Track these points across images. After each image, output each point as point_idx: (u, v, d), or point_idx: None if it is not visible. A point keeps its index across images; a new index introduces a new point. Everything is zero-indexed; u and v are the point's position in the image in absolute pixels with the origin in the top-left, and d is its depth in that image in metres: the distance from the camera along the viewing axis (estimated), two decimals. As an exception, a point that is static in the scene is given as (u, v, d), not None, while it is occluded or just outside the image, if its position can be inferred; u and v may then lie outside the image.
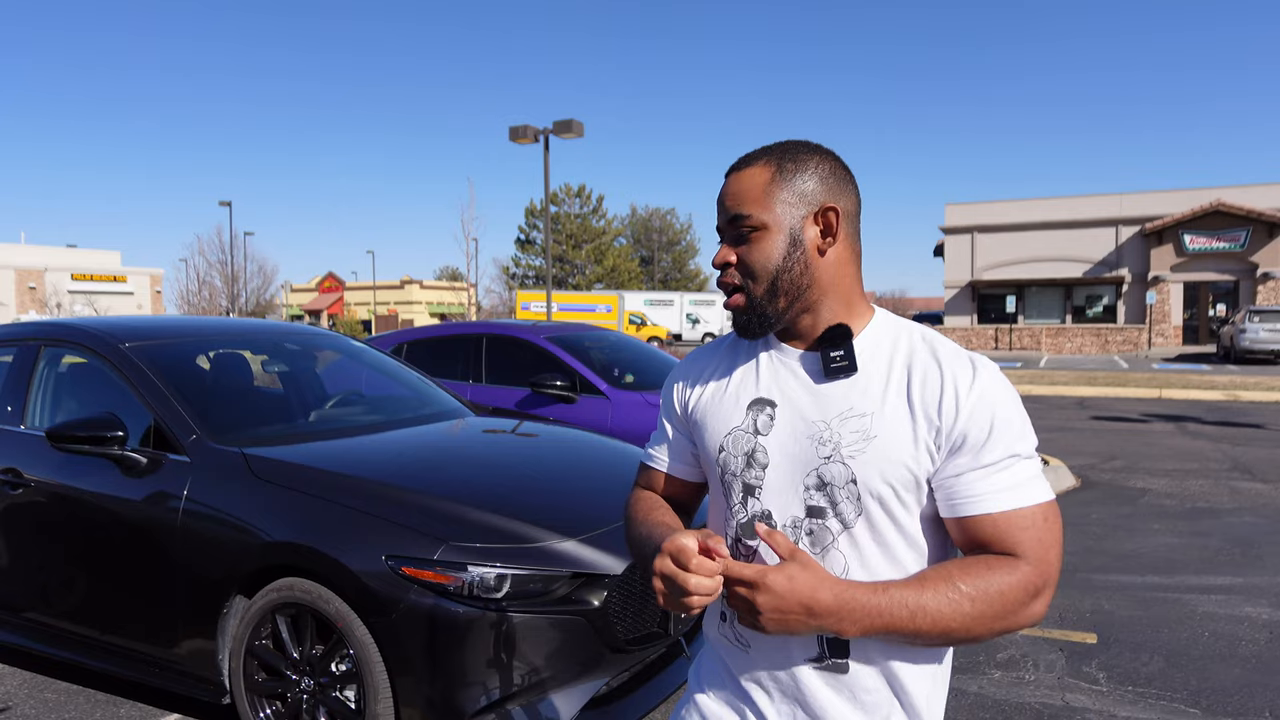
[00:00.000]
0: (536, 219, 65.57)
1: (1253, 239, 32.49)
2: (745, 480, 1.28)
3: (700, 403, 1.38)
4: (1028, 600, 1.15)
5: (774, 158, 1.27)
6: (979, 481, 1.17)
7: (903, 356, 1.23)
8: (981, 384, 1.18)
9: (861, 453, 1.19)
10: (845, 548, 1.22)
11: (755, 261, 1.25)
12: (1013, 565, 1.15)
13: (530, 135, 19.19)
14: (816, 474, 1.22)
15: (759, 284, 1.25)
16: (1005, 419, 1.18)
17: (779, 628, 1.11)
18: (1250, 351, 24.39)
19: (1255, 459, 9.32)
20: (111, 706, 3.59)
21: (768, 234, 1.24)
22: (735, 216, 1.26)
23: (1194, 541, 6.04)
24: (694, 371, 1.43)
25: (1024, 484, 1.17)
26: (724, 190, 1.29)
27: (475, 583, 2.69)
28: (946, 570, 1.14)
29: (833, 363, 1.23)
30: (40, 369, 3.90)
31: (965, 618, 1.12)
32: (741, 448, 1.29)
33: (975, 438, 1.16)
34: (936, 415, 1.18)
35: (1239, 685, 3.73)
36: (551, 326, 7.14)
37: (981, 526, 1.17)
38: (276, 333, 4.61)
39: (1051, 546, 1.17)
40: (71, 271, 52.86)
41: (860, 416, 1.20)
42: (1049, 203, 36.40)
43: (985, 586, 1.12)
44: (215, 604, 3.06)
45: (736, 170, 1.29)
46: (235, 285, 48.53)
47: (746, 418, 1.30)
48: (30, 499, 3.55)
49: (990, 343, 35.49)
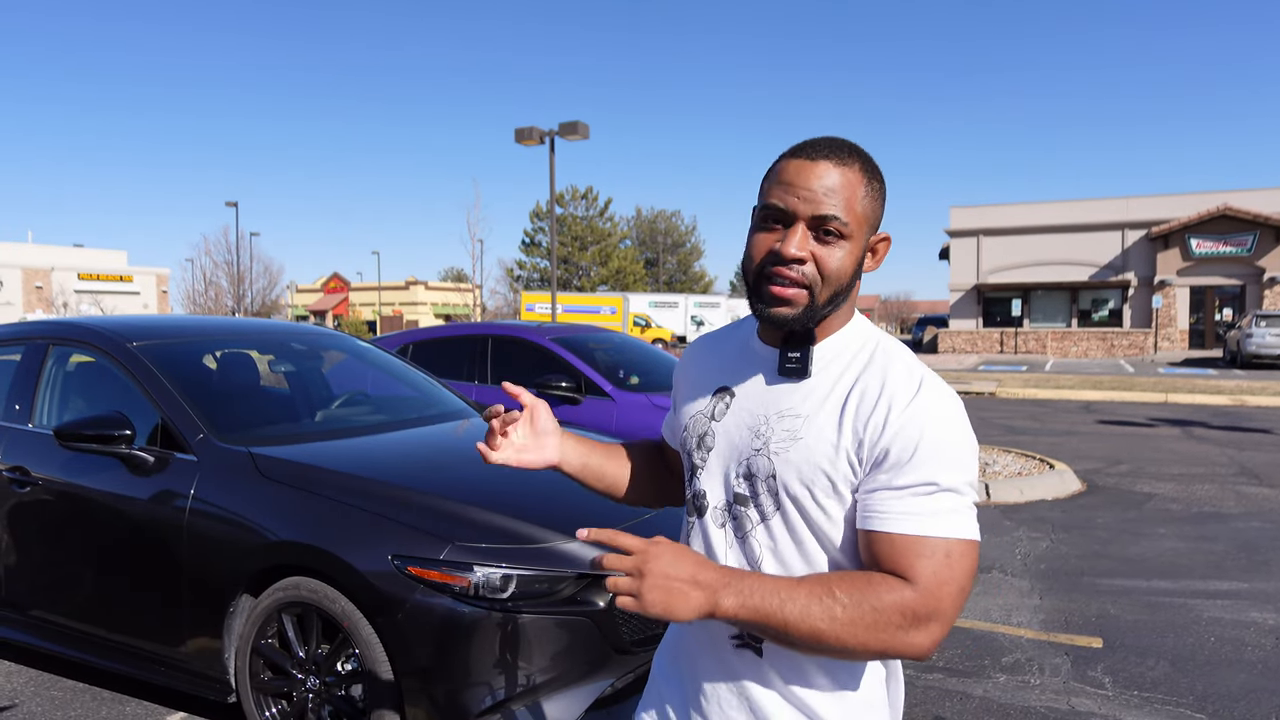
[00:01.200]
0: (542, 221, 65.64)
1: (1259, 243, 32.39)
2: (694, 460, 1.35)
3: (686, 383, 1.45)
4: (904, 624, 1.11)
5: (867, 168, 1.22)
6: (891, 500, 1.15)
7: (855, 368, 1.24)
8: (919, 405, 1.16)
9: (785, 451, 1.23)
10: (762, 538, 1.26)
11: (832, 268, 1.20)
12: (896, 586, 1.12)
13: (536, 137, 19.21)
14: (746, 464, 1.27)
15: (826, 289, 1.21)
16: (933, 443, 1.14)
17: (662, 596, 1.10)
18: (1257, 356, 24.30)
19: (1262, 464, 9.29)
20: (117, 704, 3.60)
21: (848, 245, 1.20)
22: (829, 216, 1.17)
23: (1200, 546, 6.03)
24: (691, 354, 1.50)
25: (937, 514, 1.14)
26: (814, 176, 1.18)
27: (481, 583, 2.69)
28: (827, 576, 1.16)
29: (788, 363, 1.26)
30: (48, 368, 3.92)
31: (834, 621, 1.10)
32: (698, 429, 1.36)
33: (896, 456, 1.15)
34: (863, 428, 1.17)
35: (1245, 690, 3.72)
36: (556, 328, 7.14)
37: (879, 544, 1.15)
38: (283, 333, 4.62)
39: (948, 583, 1.12)
40: (78, 271, 53.05)
41: (794, 417, 1.24)
42: (1055, 206, 36.33)
43: (860, 598, 1.11)
44: (221, 603, 3.07)
45: (835, 161, 1.19)
46: (241, 285, 48.65)
47: (710, 403, 1.36)
48: (38, 497, 3.56)
49: (996, 346, 35.43)
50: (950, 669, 3.96)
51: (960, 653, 4.15)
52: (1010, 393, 17.40)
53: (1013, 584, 5.19)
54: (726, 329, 1.46)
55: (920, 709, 3.57)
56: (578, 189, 67.23)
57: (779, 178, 1.22)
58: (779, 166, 1.23)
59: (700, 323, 48.78)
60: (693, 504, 1.35)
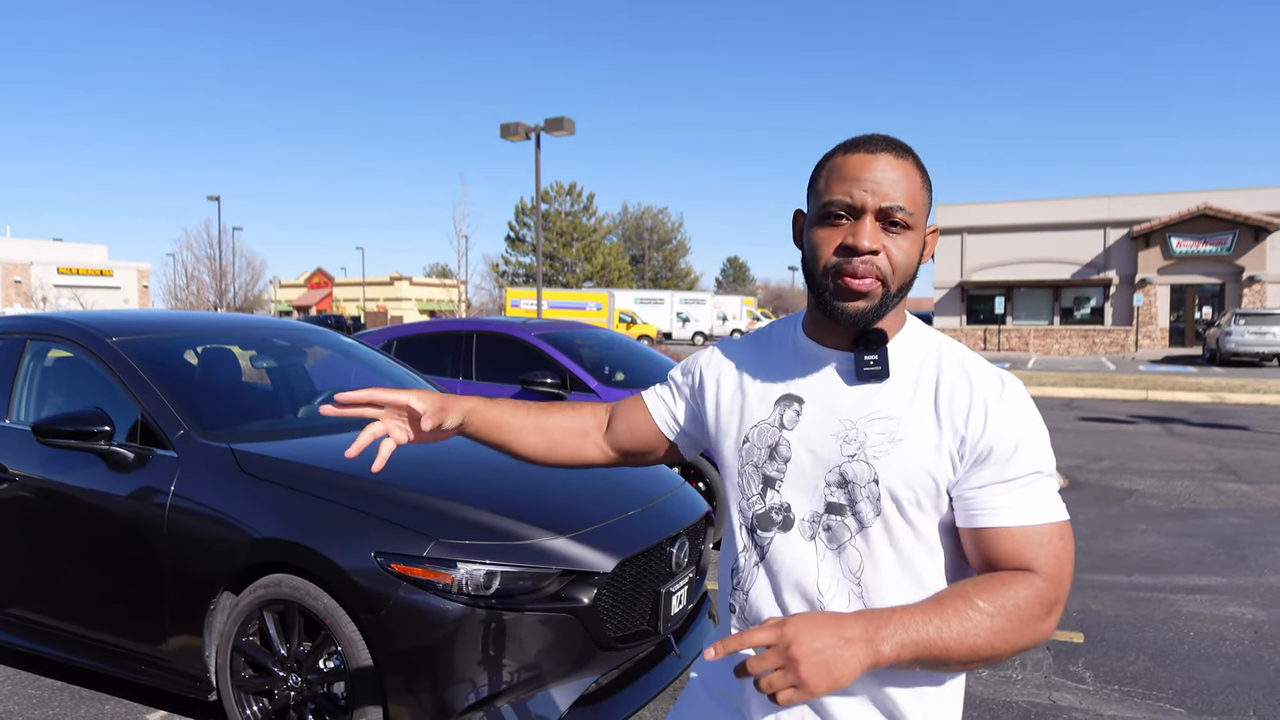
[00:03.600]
0: (527, 216, 65.47)
1: (1239, 242, 32.72)
2: (766, 472, 1.29)
3: (729, 391, 1.39)
4: (1043, 615, 1.14)
5: (916, 159, 1.24)
6: (1001, 495, 1.17)
7: (932, 366, 1.24)
8: (1009, 400, 1.20)
9: (886, 454, 1.20)
10: (860, 546, 1.22)
11: (901, 260, 1.21)
12: (1028, 580, 1.14)
13: (522, 133, 19.16)
14: (839, 471, 1.23)
15: (897, 280, 1.21)
16: (1030, 436, 1.19)
17: (823, 673, 1.04)
18: (1236, 354, 24.56)
19: (1240, 460, 9.39)
20: (97, 703, 3.56)
21: (912, 236, 1.22)
22: (896, 206, 1.18)
23: (1180, 542, 6.08)
24: (725, 359, 1.43)
25: (1044, 501, 1.18)
26: (878, 169, 1.19)
27: (465, 580, 2.68)
28: (961, 589, 1.14)
29: (866, 366, 1.23)
30: (26, 363, 3.87)
31: (990, 634, 1.11)
32: (766, 440, 1.30)
33: (1001, 452, 1.17)
34: (964, 426, 1.19)
35: (1224, 684, 3.76)
36: (542, 324, 7.12)
37: (999, 539, 1.17)
38: (265, 328, 4.58)
39: (1066, 564, 1.17)
40: (58, 265, 52.50)
41: (887, 419, 1.21)
42: (1038, 205, 36.56)
43: (1003, 602, 1.12)
44: (202, 600, 3.04)
45: (894, 154, 1.21)
46: (223, 280, 48.28)
47: (774, 412, 1.30)
48: (15, 494, 3.52)
49: (979, 343, 35.63)
50: (933, 664, 3.98)
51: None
52: (993, 390, 17.48)
53: (995, 580, 5.22)
54: (757, 335, 1.43)
55: (903, 704, 3.58)
56: (563, 185, 67.11)
57: (841, 173, 1.21)
58: (837, 163, 1.22)
59: (686, 319, 48.80)
60: (767, 518, 1.29)
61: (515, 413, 1.48)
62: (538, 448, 1.49)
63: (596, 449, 1.52)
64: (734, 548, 1.34)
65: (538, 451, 1.49)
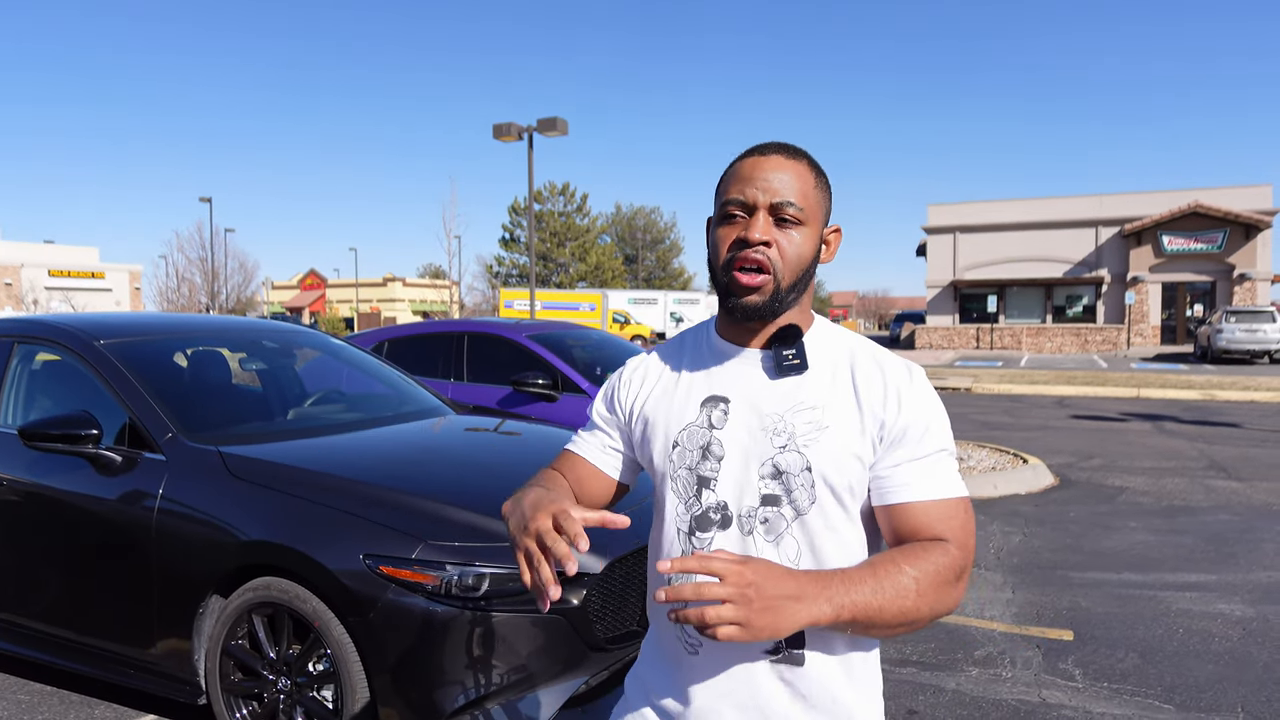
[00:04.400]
0: (520, 217, 65.41)
1: (1230, 240, 32.87)
2: (700, 473, 1.33)
3: (650, 402, 1.41)
4: (955, 581, 1.21)
5: (813, 163, 1.33)
6: (914, 472, 1.25)
7: (845, 357, 1.32)
8: (918, 386, 1.29)
9: (815, 441, 1.26)
10: (798, 534, 1.27)
11: (793, 252, 1.28)
12: (944, 548, 1.22)
13: (514, 133, 19.13)
14: (772, 463, 1.27)
15: (788, 274, 1.28)
16: (938, 418, 1.28)
17: (771, 619, 1.05)
18: (1227, 351, 24.67)
19: (1231, 458, 9.43)
20: (86, 708, 3.55)
21: (807, 231, 1.29)
22: (786, 202, 1.27)
23: (1170, 539, 6.11)
24: (641, 373, 1.46)
25: (951, 477, 1.27)
26: (768, 169, 1.28)
27: (454, 581, 2.68)
28: (890, 556, 1.20)
29: (785, 360, 1.30)
30: (13, 366, 3.85)
31: (916, 596, 1.16)
32: (696, 442, 1.33)
33: (914, 433, 1.26)
34: (881, 410, 1.27)
35: (1212, 681, 3.78)
36: (534, 325, 7.12)
37: (915, 513, 1.24)
38: (255, 330, 4.57)
39: (971, 535, 1.25)
40: (49, 268, 52.24)
41: (812, 409, 1.28)
42: (1030, 203, 36.67)
43: (926, 567, 1.18)
44: (191, 604, 3.04)
45: (785, 155, 1.30)
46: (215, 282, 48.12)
47: (701, 414, 1.34)
48: (2, 498, 3.50)
49: (972, 342, 35.73)
50: (923, 662, 3.99)
51: (933, 646, 4.18)
52: (985, 388, 17.55)
53: (986, 578, 5.24)
54: (672, 343, 1.47)
55: (894, 702, 3.59)
56: (556, 185, 67.07)
57: (736, 175, 1.30)
58: (734, 167, 1.32)
59: (680, 319, 48.77)
60: (705, 519, 1.31)
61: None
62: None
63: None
64: (670, 554, 1.34)
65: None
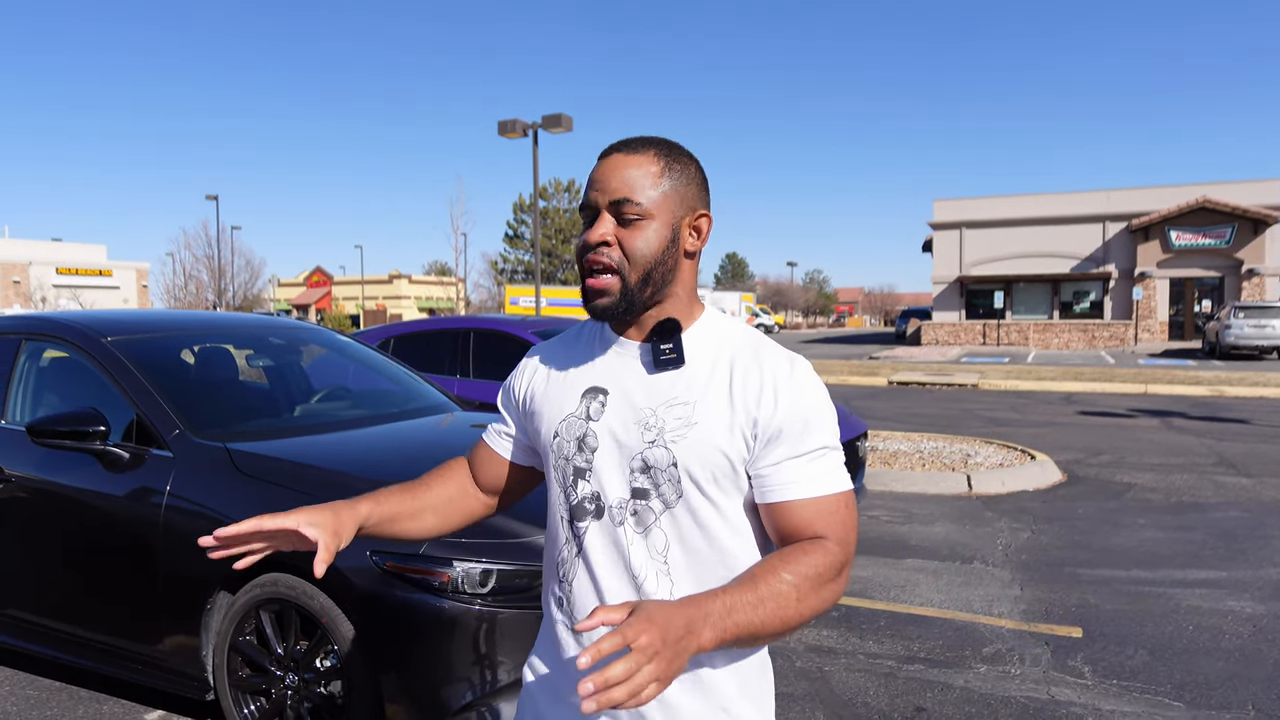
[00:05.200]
0: (525, 214, 65.40)
1: (1238, 235, 32.70)
2: (576, 464, 1.34)
3: (539, 392, 1.44)
4: (835, 577, 1.22)
5: (662, 153, 1.31)
6: (792, 470, 1.25)
7: (727, 353, 1.31)
8: (798, 380, 1.27)
9: (683, 438, 1.26)
10: (666, 526, 1.28)
11: (636, 248, 1.27)
12: (823, 547, 1.22)
13: (519, 129, 19.12)
14: (641, 457, 1.28)
15: (635, 270, 1.28)
16: (818, 413, 1.27)
17: (677, 665, 1.02)
18: (1235, 347, 24.56)
19: (1239, 454, 9.39)
20: (94, 703, 3.56)
21: (653, 224, 1.28)
22: (624, 200, 1.27)
23: (1179, 536, 6.08)
24: (535, 363, 1.49)
25: (832, 473, 1.26)
26: (607, 170, 1.29)
27: (460, 578, 2.67)
28: (769, 564, 1.19)
29: (662, 354, 1.30)
30: (21, 363, 3.86)
31: (796, 603, 1.17)
32: (574, 433, 1.35)
33: (792, 429, 1.25)
34: (755, 407, 1.25)
35: (1222, 678, 3.76)
36: (539, 321, 7.12)
37: (794, 511, 1.24)
38: (261, 327, 4.57)
39: (852, 529, 1.26)
40: (57, 265, 52.47)
41: (684, 405, 1.28)
42: (1037, 199, 36.53)
43: (805, 571, 1.18)
44: (198, 600, 3.04)
45: (624, 153, 1.30)
46: (222, 279, 48.25)
47: (580, 404, 1.36)
48: (10, 494, 3.51)
49: (978, 338, 35.63)
50: (931, 660, 3.98)
51: (941, 644, 4.17)
52: (992, 384, 17.50)
53: (994, 575, 5.22)
54: (568, 333, 1.49)
55: (902, 699, 3.58)
56: (561, 182, 67.03)
57: (588, 179, 1.32)
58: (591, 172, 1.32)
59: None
60: (580, 508, 1.33)
61: (403, 501, 1.47)
62: (433, 527, 1.51)
63: (480, 503, 1.55)
64: (556, 541, 1.38)
65: (434, 530, 1.51)
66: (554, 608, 1.39)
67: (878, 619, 4.48)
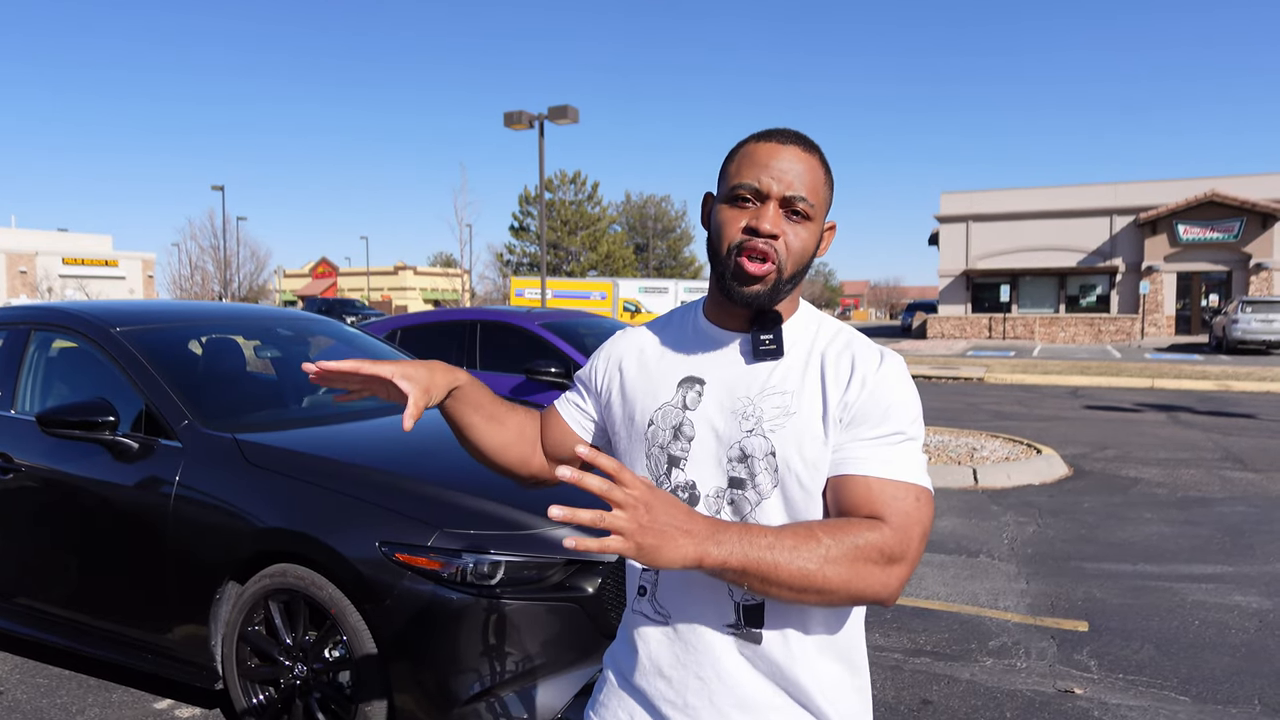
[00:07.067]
0: (531, 205, 65.35)
1: (1246, 229, 32.54)
2: (671, 452, 1.34)
3: (630, 378, 1.43)
4: (881, 562, 1.17)
5: (821, 156, 1.32)
6: (865, 448, 1.24)
7: (821, 344, 1.33)
8: (885, 371, 1.28)
9: (781, 427, 1.26)
10: (761, 518, 1.27)
11: (797, 245, 1.28)
12: (872, 525, 1.19)
13: (525, 121, 19.08)
14: (739, 446, 1.29)
15: (790, 266, 1.29)
16: (901, 402, 1.26)
17: (655, 540, 1.07)
18: (1242, 342, 24.46)
19: (1246, 448, 9.36)
20: (104, 692, 3.58)
21: (811, 226, 1.30)
22: (799, 196, 1.26)
23: (1185, 530, 6.07)
24: (623, 348, 1.47)
25: (906, 461, 1.23)
26: (786, 161, 1.27)
27: (469, 569, 2.68)
28: (809, 522, 1.20)
29: (762, 345, 1.31)
30: (30, 353, 3.87)
31: (822, 560, 1.14)
32: (670, 421, 1.35)
33: (873, 414, 1.25)
34: (844, 393, 1.26)
35: (1229, 673, 3.76)
36: (546, 313, 7.12)
37: (855, 486, 1.22)
38: (269, 318, 4.58)
39: (917, 524, 1.21)
40: (63, 256, 52.54)
41: (782, 394, 1.28)
42: (1044, 192, 36.38)
43: (843, 536, 1.16)
44: (208, 590, 3.05)
45: (803, 149, 1.29)
46: (228, 270, 48.31)
47: (676, 394, 1.36)
48: (20, 484, 3.53)
49: (984, 331, 35.55)
50: (938, 653, 3.99)
51: (948, 636, 4.17)
52: (998, 378, 17.47)
53: (1000, 568, 5.22)
54: (659, 321, 1.48)
55: (908, 692, 3.59)
56: (567, 173, 66.93)
57: (751, 159, 1.29)
58: (749, 149, 1.30)
59: (690, 308, 48.54)
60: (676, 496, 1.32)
61: (494, 403, 1.48)
62: (498, 445, 1.48)
63: (537, 458, 1.53)
64: None
65: (497, 446, 1.48)
66: (637, 596, 1.38)
67: (884, 612, 4.48)
